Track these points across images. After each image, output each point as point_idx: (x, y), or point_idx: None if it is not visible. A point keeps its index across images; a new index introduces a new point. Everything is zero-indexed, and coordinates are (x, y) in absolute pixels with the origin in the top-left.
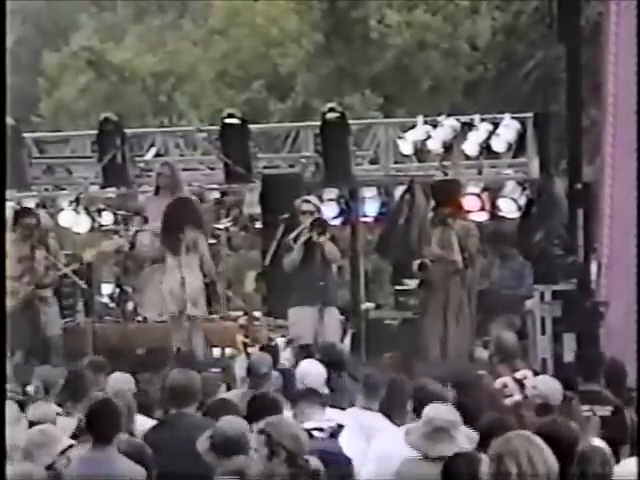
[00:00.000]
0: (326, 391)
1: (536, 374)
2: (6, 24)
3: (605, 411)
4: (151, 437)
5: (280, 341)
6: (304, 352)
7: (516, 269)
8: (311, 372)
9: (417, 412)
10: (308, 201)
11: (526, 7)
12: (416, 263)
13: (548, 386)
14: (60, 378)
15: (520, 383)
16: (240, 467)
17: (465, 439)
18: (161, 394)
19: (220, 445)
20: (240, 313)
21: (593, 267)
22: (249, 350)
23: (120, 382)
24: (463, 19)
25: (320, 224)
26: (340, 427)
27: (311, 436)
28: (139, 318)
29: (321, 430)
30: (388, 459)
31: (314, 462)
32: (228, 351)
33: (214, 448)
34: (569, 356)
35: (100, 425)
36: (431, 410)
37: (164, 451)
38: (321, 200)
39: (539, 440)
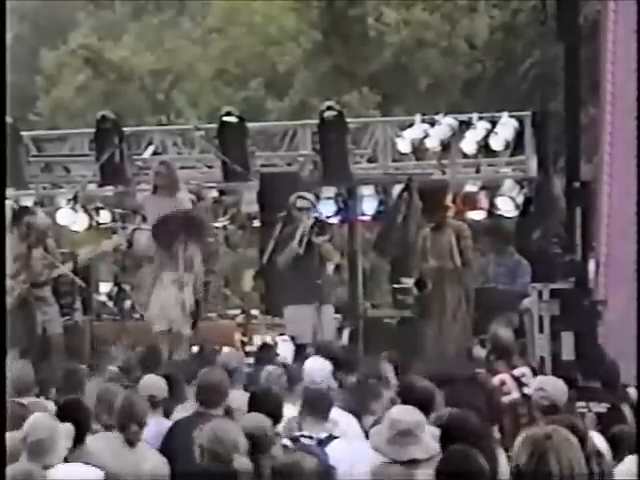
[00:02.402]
0: (335, 385)
1: (534, 372)
2: (6, 23)
3: (601, 408)
4: (170, 436)
5: (279, 339)
6: (302, 351)
7: (513, 267)
8: (317, 368)
9: None
10: (303, 197)
11: (524, 5)
12: (413, 280)
13: (554, 387)
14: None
15: (518, 381)
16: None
17: (432, 439)
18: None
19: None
20: (238, 311)
21: (591, 266)
22: (246, 349)
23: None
24: (461, 17)
25: (320, 225)
26: (331, 438)
27: (297, 441)
28: (137, 316)
29: (310, 438)
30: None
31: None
32: (226, 350)
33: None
34: (567, 354)
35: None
36: (394, 412)
37: (182, 451)
38: (318, 198)
39: (575, 439)
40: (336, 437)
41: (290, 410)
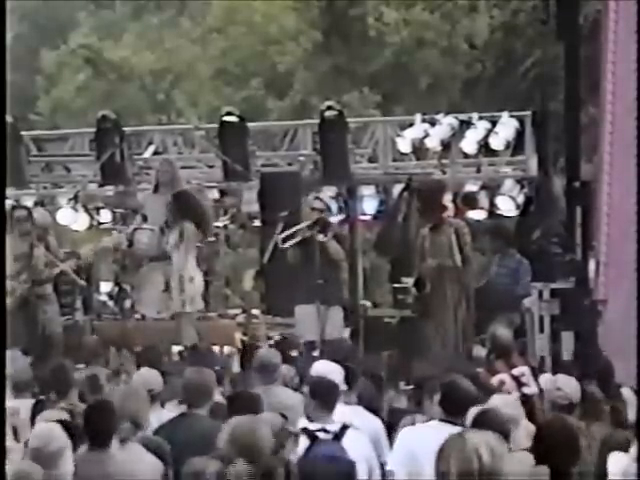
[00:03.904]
0: (345, 388)
1: (534, 372)
2: (6, 23)
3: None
4: (160, 436)
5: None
6: (309, 349)
7: (514, 267)
8: (332, 371)
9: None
10: (319, 199)
11: (524, 5)
12: (412, 280)
13: (570, 386)
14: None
15: (518, 380)
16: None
17: (524, 434)
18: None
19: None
20: (238, 311)
21: (591, 265)
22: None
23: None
24: (461, 17)
25: (322, 223)
26: (345, 428)
27: (316, 438)
28: (137, 316)
29: (326, 432)
30: (414, 457)
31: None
32: (226, 349)
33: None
34: (567, 354)
35: (97, 427)
36: (494, 402)
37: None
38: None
39: (472, 438)
40: (347, 426)
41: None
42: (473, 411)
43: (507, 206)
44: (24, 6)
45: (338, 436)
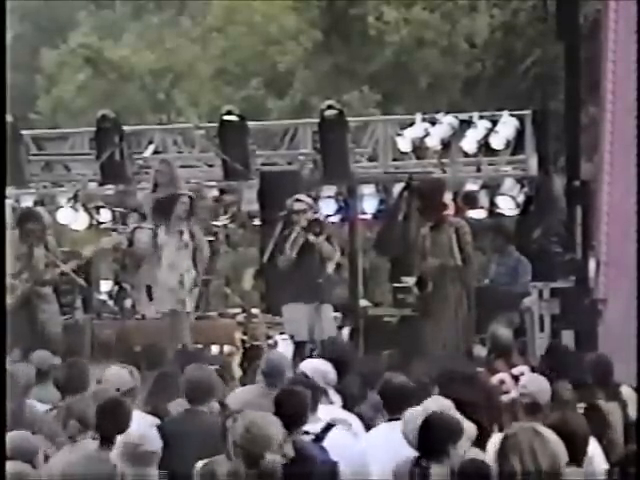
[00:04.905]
0: (334, 384)
1: (534, 371)
2: (6, 22)
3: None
4: (162, 433)
5: (279, 338)
6: (300, 349)
7: (514, 266)
8: (322, 369)
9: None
10: (300, 200)
11: (524, 5)
12: (414, 279)
13: (536, 385)
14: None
15: (517, 380)
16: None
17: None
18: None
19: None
20: (238, 310)
21: (591, 264)
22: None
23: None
24: (461, 16)
25: (316, 225)
26: (328, 429)
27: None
28: (137, 315)
29: (307, 434)
30: (366, 462)
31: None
32: (226, 348)
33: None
34: None
35: (108, 424)
36: (429, 403)
37: (172, 448)
38: (318, 198)
39: (546, 432)
40: (332, 425)
41: None
42: (417, 414)
43: (507, 205)
44: (24, 6)
45: (319, 437)
